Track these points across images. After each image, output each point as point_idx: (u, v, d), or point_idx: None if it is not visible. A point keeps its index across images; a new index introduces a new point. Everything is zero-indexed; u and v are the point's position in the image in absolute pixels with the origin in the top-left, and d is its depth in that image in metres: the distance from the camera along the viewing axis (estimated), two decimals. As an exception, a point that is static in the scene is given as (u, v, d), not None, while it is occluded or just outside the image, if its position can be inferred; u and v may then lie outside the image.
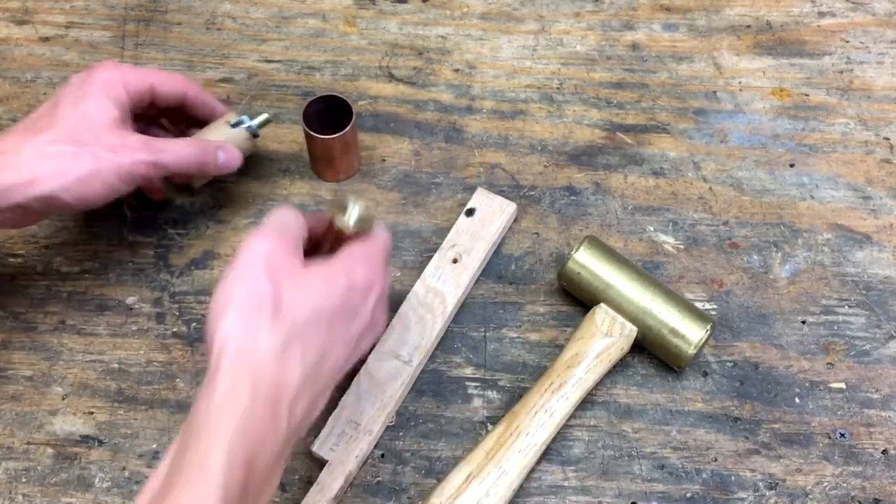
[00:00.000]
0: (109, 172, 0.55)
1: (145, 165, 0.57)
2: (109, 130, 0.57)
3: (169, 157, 0.58)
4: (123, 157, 0.56)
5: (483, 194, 0.67)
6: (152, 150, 0.58)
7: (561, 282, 0.63)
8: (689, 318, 0.59)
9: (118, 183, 0.56)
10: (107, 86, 0.58)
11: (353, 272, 0.50)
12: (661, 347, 0.60)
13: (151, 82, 0.61)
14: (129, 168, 0.56)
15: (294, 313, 0.46)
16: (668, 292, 0.60)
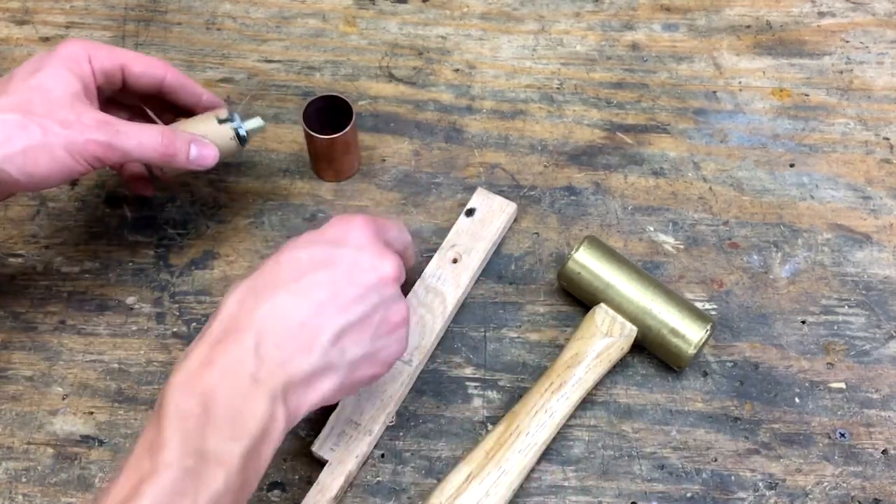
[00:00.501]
0: (59, 148, 0.52)
1: (100, 146, 0.53)
2: (65, 104, 0.53)
3: (129, 142, 0.54)
4: (76, 133, 0.52)
5: (483, 194, 0.67)
6: (110, 131, 0.53)
7: (561, 282, 0.63)
8: (688, 318, 0.59)
9: (70, 161, 0.52)
10: (69, 59, 0.55)
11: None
12: (662, 347, 0.60)
13: (122, 61, 0.57)
14: (81, 146, 0.52)
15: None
16: (668, 292, 0.60)
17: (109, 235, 0.67)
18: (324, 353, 0.47)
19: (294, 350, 0.46)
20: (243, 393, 0.44)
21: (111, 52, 0.57)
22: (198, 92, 0.61)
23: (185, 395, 0.43)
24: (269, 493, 0.57)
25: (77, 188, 0.69)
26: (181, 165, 0.57)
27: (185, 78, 0.60)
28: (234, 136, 0.60)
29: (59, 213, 0.68)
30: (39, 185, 0.53)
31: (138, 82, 0.58)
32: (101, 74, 0.56)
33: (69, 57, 0.55)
